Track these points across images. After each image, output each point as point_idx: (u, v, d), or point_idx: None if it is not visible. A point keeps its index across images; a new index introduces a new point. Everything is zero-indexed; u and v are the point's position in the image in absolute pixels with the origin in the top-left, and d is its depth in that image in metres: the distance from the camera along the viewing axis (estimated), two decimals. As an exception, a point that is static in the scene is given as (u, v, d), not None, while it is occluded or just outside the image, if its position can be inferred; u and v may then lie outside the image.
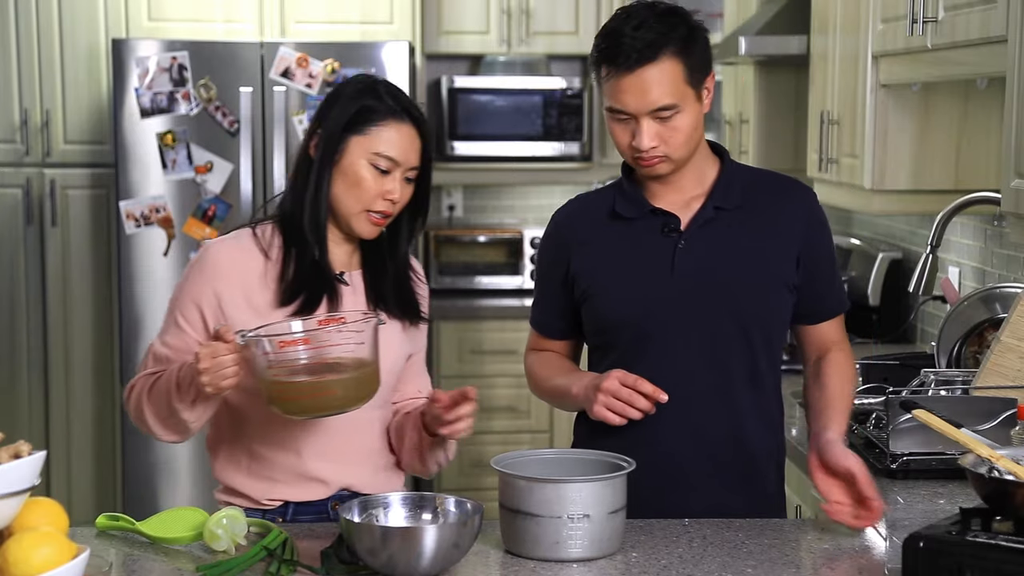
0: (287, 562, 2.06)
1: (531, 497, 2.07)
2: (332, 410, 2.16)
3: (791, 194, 2.45)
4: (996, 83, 3.13)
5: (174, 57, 4.73)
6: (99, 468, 5.21)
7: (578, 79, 5.53)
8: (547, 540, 2.07)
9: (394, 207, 2.30)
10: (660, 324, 2.37)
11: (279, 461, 2.34)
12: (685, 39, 2.30)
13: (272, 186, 4.75)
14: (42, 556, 1.72)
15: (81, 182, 5.12)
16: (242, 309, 2.29)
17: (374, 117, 2.28)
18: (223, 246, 2.35)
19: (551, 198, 5.71)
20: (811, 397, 2.45)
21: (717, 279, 2.36)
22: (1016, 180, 2.60)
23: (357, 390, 2.15)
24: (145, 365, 2.35)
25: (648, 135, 2.29)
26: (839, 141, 3.75)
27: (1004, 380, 2.75)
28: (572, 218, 2.49)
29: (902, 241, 4.33)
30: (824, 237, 2.46)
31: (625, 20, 2.30)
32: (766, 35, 4.33)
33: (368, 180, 2.28)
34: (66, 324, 5.16)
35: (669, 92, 2.28)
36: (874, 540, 2.21)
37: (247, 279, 2.31)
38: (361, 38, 5.04)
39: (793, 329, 2.50)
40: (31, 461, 1.77)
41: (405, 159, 2.29)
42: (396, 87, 2.35)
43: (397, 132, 2.29)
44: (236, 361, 2.12)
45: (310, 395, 2.12)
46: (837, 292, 2.50)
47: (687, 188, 2.41)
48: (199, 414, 2.24)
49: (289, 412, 2.15)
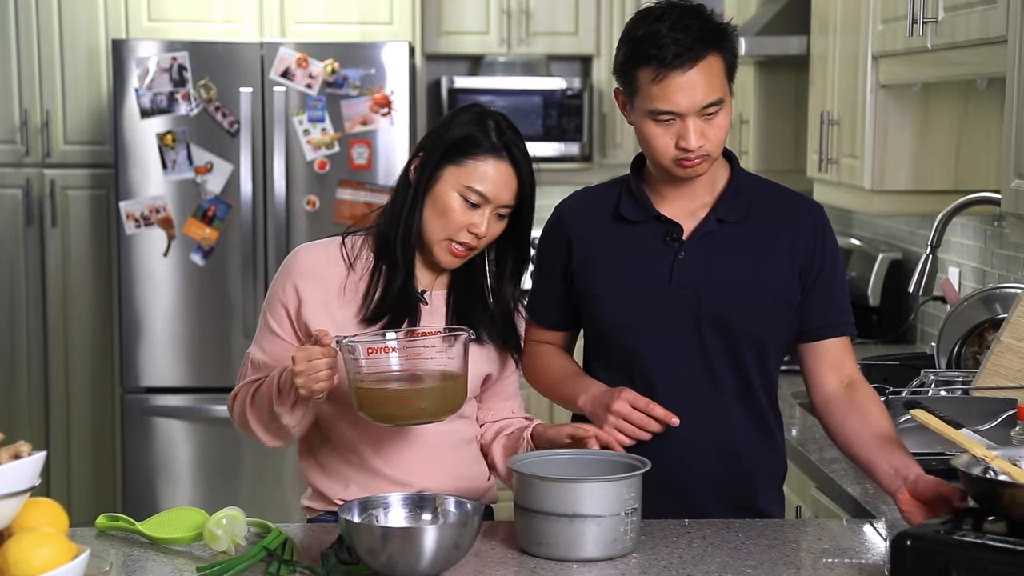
0: (287, 562, 2.07)
1: (545, 497, 2.07)
2: (419, 419, 2.18)
3: (797, 210, 2.40)
4: (996, 83, 3.13)
5: (174, 57, 4.73)
6: (99, 468, 5.21)
7: (578, 79, 5.53)
8: (560, 540, 2.07)
9: (478, 241, 2.30)
10: (654, 333, 2.36)
11: (354, 463, 2.35)
12: (723, 34, 2.28)
13: (272, 186, 4.75)
14: (42, 556, 1.72)
15: (81, 182, 5.13)
16: (320, 314, 2.31)
17: (473, 150, 2.28)
18: (311, 250, 2.37)
19: (551, 198, 5.68)
20: (850, 430, 2.33)
21: (712, 294, 2.33)
22: (1016, 180, 2.60)
23: (443, 402, 2.17)
24: (243, 373, 2.38)
25: (696, 134, 2.26)
26: (839, 141, 3.75)
27: (1004, 380, 2.75)
28: (576, 211, 2.47)
29: (902, 241, 4.33)
30: (826, 256, 2.39)
31: (658, 21, 2.26)
32: (766, 35, 4.33)
33: (456, 211, 2.27)
34: (66, 324, 5.16)
35: (718, 87, 2.25)
36: (874, 540, 2.21)
37: (328, 286, 2.33)
38: (361, 38, 5.04)
39: (796, 352, 2.43)
40: (31, 461, 1.77)
41: (496, 196, 2.28)
42: (508, 122, 2.33)
43: (494, 169, 2.28)
44: (330, 365, 2.14)
45: (397, 403, 2.15)
46: (837, 313, 2.40)
47: (697, 194, 2.38)
48: (299, 418, 2.26)
49: (376, 419, 2.17)
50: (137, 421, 4.82)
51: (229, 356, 4.80)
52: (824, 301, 2.39)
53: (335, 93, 4.75)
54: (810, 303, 2.38)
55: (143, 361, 4.82)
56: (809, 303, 2.38)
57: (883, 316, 4.24)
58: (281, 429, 2.28)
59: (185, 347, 4.82)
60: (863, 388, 2.38)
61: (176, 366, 4.83)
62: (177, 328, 4.81)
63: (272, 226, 4.77)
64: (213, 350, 4.82)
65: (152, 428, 4.83)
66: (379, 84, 4.75)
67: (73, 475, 5.19)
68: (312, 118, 4.76)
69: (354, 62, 4.76)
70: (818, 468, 2.82)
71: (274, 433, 2.31)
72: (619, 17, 5.46)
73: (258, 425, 2.31)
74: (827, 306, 2.39)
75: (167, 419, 4.83)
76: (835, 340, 2.40)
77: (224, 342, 4.81)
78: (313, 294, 2.32)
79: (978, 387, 2.75)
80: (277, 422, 2.26)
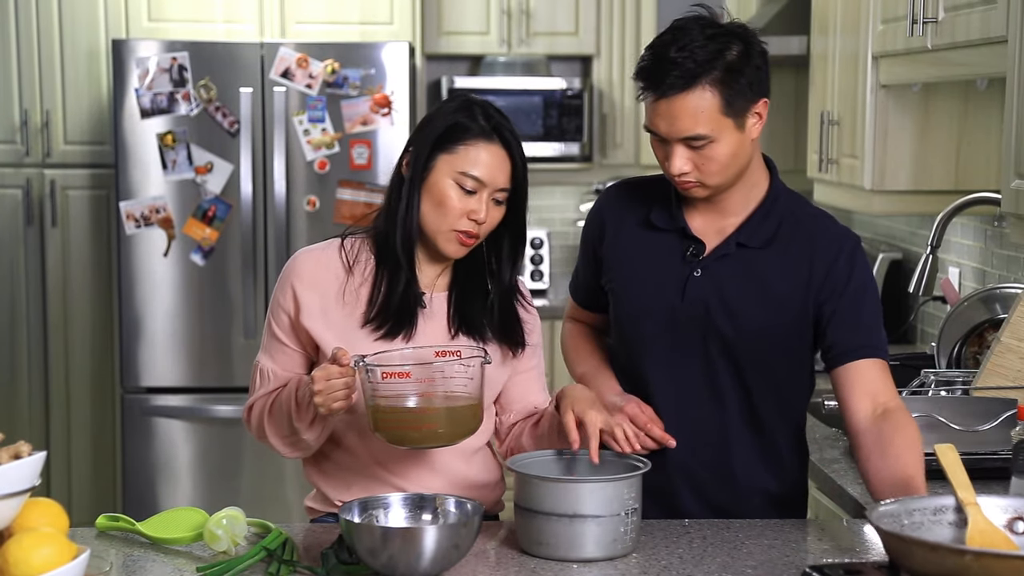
0: (287, 562, 2.07)
1: (545, 497, 2.08)
2: (433, 443, 2.17)
3: (825, 239, 2.32)
4: (996, 83, 3.13)
5: (174, 58, 4.73)
6: (99, 468, 5.21)
7: (578, 79, 5.53)
8: (561, 540, 2.07)
9: (480, 228, 2.27)
10: (665, 343, 2.36)
11: (356, 467, 2.35)
12: (729, 67, 2.19)
13: (272, 186, 4.75)
14: (42, 556, 1.72)
15: (81, 182, 5.12)
16: (318, 320, 2.29)
17: (463, 136, 2.26)
18: (309, 254, 2.35)
19: (551, 198, 5.71)
20: (872, 471, 2.23)
21: (719, 316, 2.32)
22: (1016, 180, 2.60)
23: (459, 426, 2.16)
24: (254, 382, 2.37)
25: (679, 160, 2.23)
26: (839, 141, 3.75)
27: (1004, 380, 2.75)
28: (616, 203, 2.45)
29: (902, 241, 4.33)
30: (850, 282, 2.30)
31: (672, 39, 2.21)
32: (766, 35, 4.29)
33: (453, 199, 2.25)
34: (66, 324, 5.16)
35: (702, 123, 2.19)
36: (874, 540, 2.21)
37: (326, 291, 2.31)
38: (361, 38, 5.04)
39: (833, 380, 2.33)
40: (31, 461, 1.77)
41: (491, 180, 2.25)
42: (494, 108, 2.31)
43: (486, 152, 2.25)
44: (348, 385, 2.14)
45: (413, 427, 2.14)
46: (865, 336, 2.31)
47: (728, 211, 2.33)
48: (318, 433, 2.26)
49: (392, 441, 2.16)
50: (137, 421, 4.82)
51: (229, 356, 4.81)
52: (849, 325, 2.31)
53: (335, 93, 4.75)
54: (834, 327, 2.31)
55: (143, 361, 4.82)
56: (833, 327, 2.31)
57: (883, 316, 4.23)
58: (300, 442, 2.29)
59: (185, 347, 4.82)
60: (894, 417, 2.24)
61: (176, 366, 4.83)
62: (177, 328, 4.81)
63: (272, 226, 4.77)
64: (213, 350, 4.82)
65: (152, 428, 4.82)
66: (379, 84, 4.75)
67: (73, 475, 5.19)
68: (312, 118, 4.76)
69: (354, 62, 4.76)
70: (818, 468, 2.82)
71: (293, 446, 2.31)
72: (619, 17, 5.46)
73: (277, 439, 2.31)
74: (852, 330, 2.31)
75: (167, 419, 4.83)
76: (864, 364, 2.30)
77: (224, 342, 4.81)
78: (311, 299, 2.30)
79: (978, 387, 2.75)
80: (296, 436, 2.26)
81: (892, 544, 1.87)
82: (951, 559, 1.75)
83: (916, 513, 1.97)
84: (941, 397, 2.71)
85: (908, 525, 1.95)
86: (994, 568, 1.73)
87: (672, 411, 2.36)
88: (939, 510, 1.99)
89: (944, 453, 2.08)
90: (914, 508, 1.98)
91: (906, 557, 1.83)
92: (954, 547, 1.81)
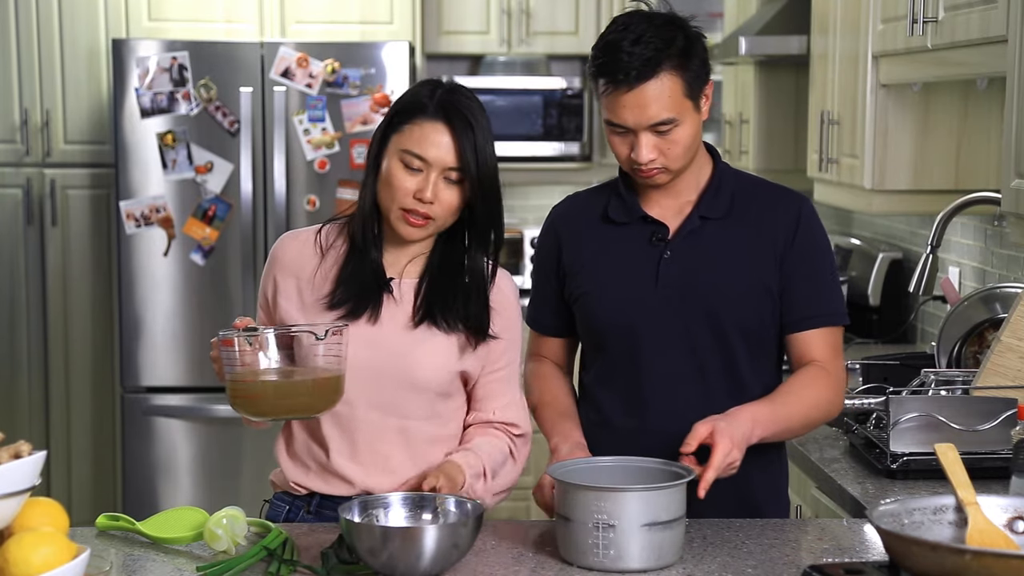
0: (287, 562, 2.07)
1: (566, 502, 2.07)
2: (292, 414, 2.19)
3: (780, 202, 2.41)
4: (996, 83, 3.13)
5: (174, 57, 4.73)
6: (99, 468, 5.21)
7: (578, 79, 5.53)
8: (578, 546, 2.05)
9: (430, 208, 2.24)
10: (645, 332, 2.38)
11: (312, 453, 2.36)
12: (683, 51, 2.28)
13: (272, 186, 4.75)
14: (42, 556, 1.72)
15: (81, 182, 5.13)
16: (292, 302, 2.33)
17: (411, 115, 2.25)
18: (288, 239, 2.39)
19: (551, 198, 5.68)
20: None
21: (697, 291, 2.35)
22: (1016, 180, 2.60)
23: (316, 398, 2.16)
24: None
25: (647, 149, 2.29)
26: (839, 141, 3.75)
27: (1004, 380, 2.75)
28: (567, 215, 2.50)
29: (902, 241, 4.33)
30: (809, 243, 2.38)
31: (623, 33, 2.27)
32: (766, 35, 4.33)
33: (399, 178, 2.24)
34: (66, 324, 5.16)
35: (668, 107, 2.26)
36: (874, 540, 2.21)
37: (300, 274, 2.34)
38: (361, 38, 5.04)
39: (785, 344, 2.42)
40: (31, 461, 1.77)
41: (436, 159, 2.23)
42: (458, 87, 2.29)
43: (431, 130, 2.23)
44: (214, 358, 2.20)
45: (270, 398, 2.15)
46: (824, 303, 2.39)
47: (682, 192, 2.41)
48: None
49: (248, 413, 2.17)
50: (137, 421, 4.82)
51: (229, 356, 4.80)
52: (807, 289, 2.37)
53: (335, 93, 4.75)
54: (792, 292, 2.37)
55: (143, 361, 4.82)
56: (791, 292, 2.37)
57: (883, 316, 4.24)
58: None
59: (185, 347, 4.82)
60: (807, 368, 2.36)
61: (176, 366, 4.83)
62: (177, 328, 4.81)
63: (272, 226, 4.77)
64: (213, 350, 4.81)
65: (152, 428, 4.83)
66: (379, 84, 4.76)
67: (73, 475, 5.19)
68: (312, 118, 4.76)
69: (354, 62, 4.76)
70: (818, 468, 2.82)
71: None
72: (619, 17, 5.46)
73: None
74: (810, 295, 2.38)
75: (167, 419, 4.83)
76: (817, 333, 2.38)
77: (224, 342, 4.81)
78: (288, 282, 2.34)
79: (978, 387, 2.75)
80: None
81: (892, 544, 1.87)
82: (951, 559, 1.76)
83: (916, 512, 1.98)
84: (941, 397, 2.71)
85: (908, 525, 1.95)
86: (994, 567, 1.73)
87: (663, 393, 2.38)
88: (939, 510, 1.99)
89: (944, 453, 2.08)
90: (914, 508, 1.99)
91: (906, 557, 1.83)
92: (954, 547, 1.81)
